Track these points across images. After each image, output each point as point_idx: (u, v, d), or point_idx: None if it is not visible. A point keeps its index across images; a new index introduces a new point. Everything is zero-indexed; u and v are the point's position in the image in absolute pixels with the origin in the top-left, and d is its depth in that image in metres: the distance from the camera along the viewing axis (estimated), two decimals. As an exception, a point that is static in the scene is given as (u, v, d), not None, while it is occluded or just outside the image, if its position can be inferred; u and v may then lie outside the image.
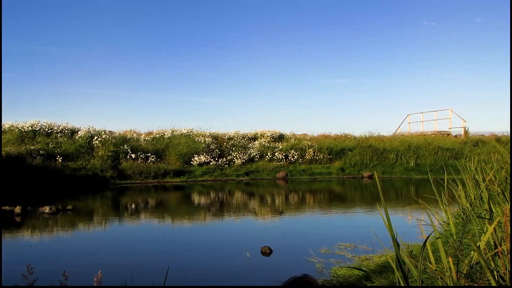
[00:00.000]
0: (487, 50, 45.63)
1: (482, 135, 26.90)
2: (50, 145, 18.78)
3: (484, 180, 5.19)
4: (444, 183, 6.06)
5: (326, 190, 16.76)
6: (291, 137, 24.83)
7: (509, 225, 2.45)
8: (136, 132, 23.10)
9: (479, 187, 5.30)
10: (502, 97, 47.21)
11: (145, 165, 19.19)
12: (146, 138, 22.20)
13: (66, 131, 20.24)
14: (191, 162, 20.91)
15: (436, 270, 2.63)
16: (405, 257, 2.70)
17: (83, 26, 42.37)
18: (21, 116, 47.56)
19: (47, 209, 10.36)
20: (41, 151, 17.61)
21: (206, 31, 46.52)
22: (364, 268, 5.06)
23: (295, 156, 22.85)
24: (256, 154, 22.76)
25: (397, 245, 2.41)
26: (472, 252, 2.87)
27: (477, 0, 44.00)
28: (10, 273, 5.18)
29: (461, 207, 5.51)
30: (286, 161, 22.80)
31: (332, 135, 26.33)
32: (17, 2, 38.35)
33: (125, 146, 19.97)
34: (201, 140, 21.74)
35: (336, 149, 23.50)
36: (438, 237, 2.82)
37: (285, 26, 47.92)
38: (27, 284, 2.46)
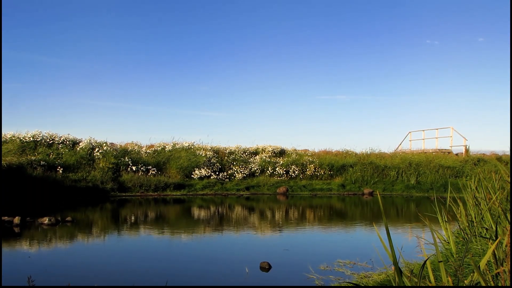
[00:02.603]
0: (489, 69, 45.85)
1: (483, 153, 26.88)
2: (51, 156, 18.80)
3: (484, 199, 5.18)
4: (444, 201, 6.05)
5: (327, 206, 16.70)
6: (292, 153, 24.85)
7: (509, 245, 2.44)
8: (137, 144, 23.13)
9: (480, 206, 5.29)
10: (504, 116, 47.28)
11: (145, 178, 19.18)
12: (147, 151, 22.23)
13: (67, 142, 20.28)
14: (192, 176, 20.90)
15: (436, 289, 2.62)
16: (405, 277, 2.68)
17: (87, 38, 42.74)
18: (23, 126, 47.61)
19: (46, 220, 10.33)
20: (41, 162, 17.63)
21: (208, 45, 46.89)
22: (362, 286, 5.02)
23: (296, 172, 22.84)
24: (257, 169, 22.76)
25: (397, 263, 2.40)
26: (474, 274, 2.85)
27: (480, 19, 44.32)
28: (7, 283, 5.15)
29: (461, 226, 5.49)
30: (287, 176, 22.79)
31: (333, 151, 26.35)
32: (20, 13, 38.77)
33: (126, 158, 19.99)
34: (202, 153, 21.76)
35: (337, 165, 23.49)
36: (441, 261, 2.80)
37: (287, 42, 48.30)
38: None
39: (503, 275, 2.50)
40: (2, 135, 19.05)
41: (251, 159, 23.73)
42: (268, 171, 22.67)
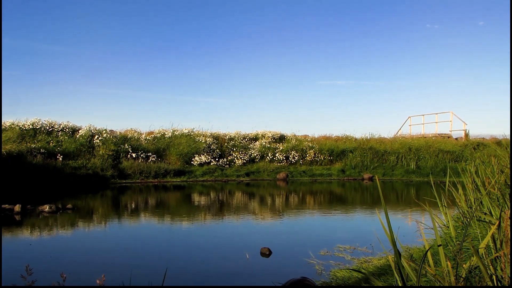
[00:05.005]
0: (490, 53, 45.62)
1: (483, 138, 26.89)
2: (50, 143, 18.80)
3: (483, 184, 5.18)
4: (444, 185, 6.06)
5: (327, 192, 16.75)
6: (292, 138, 24.84)
7: (509, 229, 2.45)
8: (137, 131, 23.12)
9: (479, 190, 5.29)
10: (503, 100, 47.18)
11: (145, 165, 19.20)
12: (147, 138, 22.21)
13: (67, 129, 20.25)
14: (192, 162, 20.92)
15: (435, 274, 2.63)
16: (404, 262, 2.69)
17: (85, 25, 42.43)
18: (22, 114, 47.55)
19: (46, 207, 10.36)
20: (41, 150, 17.63)
21: (208, 31, 46.56)
22: (363, 271, 5.06)
23: (296, 157, 22.85)
24: (257, 155, 22.77)
25: (396, 249, 2.40)
26: (473, 258, 2.86)
27: (480, 3, 43.95)
28: (8, 272, 5.18)
29: (461, 210, 5.50)
30: (286, 162, 22.81)
31: (333, 136, 26.35)
32: (19, 1, 38.40)
33: (125, 145, 19.99)
34: (202, 140, 21.75)
35: (337, 151, 23.50)
36: (440, 245, 2.81)
37: (287, 27, 47.96)
38: (26, 284, 2.46)
39: (503, 258, 2.50)
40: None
41: (250, 145, 23.73)
42: (268, 157, 22.69)
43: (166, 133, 22.59)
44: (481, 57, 46.07)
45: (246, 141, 24.08)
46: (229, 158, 22.14)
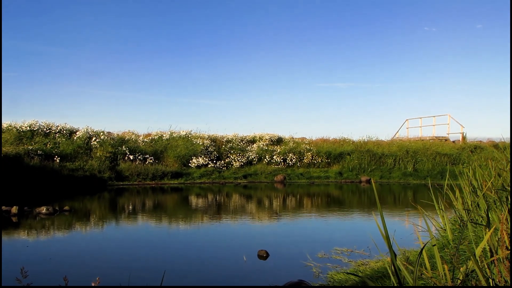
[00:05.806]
0: (488, 56, 45.80)
1: (480, 141, 26.97)
2: (48, 145, 18.75)
3: (481, 186, 5.19)
4: (441, 188, 6.07)
5: (324, 194, 16.75)
6: (289, 141, 24.85)
7: (505, 233, 2.45)
8: (134, 133, 23.08)
9: (476, 193, 5.31)
10: (500, 103, 47.35)
11: (143, 167, 19.17)
12: (145, 140, 22.18)
13: (64, 131, 20.21)
14: (189, 164, 20.90)
15: (431, 277, 2.63)
16: (401, 264, 2.70)
17: (83, 26, 42.44)
18: (20, 115, 47.52)
19: (44, 209, 10.33)
20: (39, 151, 17.58)
21: (206, 32, 46.59)
22: (360, 274, 5.06)
23: (293, 160, 22.86)
24: (254, 157, 22.77)
25: (393, 252, 2.41)
26: (470, 262, 2.87)
27: (478, 6, 44.13)
28: (5, 273, 5.16)
29: (458, 213, 5.51)
30: (284, 164, 22.81)
31: (330, 139, 26.38)
32: (17, 1, 38.37)
33: (123, 147, 19.96)
34: (199, 142, 21.73)
35: (335, 153, 23.52)
36: (435, 245, 2.82)
37: (285, 30, 48.03)
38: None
39: (496, 262, 2.51)
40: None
41: (248, 147, 23.74)
42: (265, 159, 22.69)
43: (163, 135, 22.57)
44: (479, 60, 46.30)
45: (243, 144, 24.09)
46: (226, 160, 22.13)
